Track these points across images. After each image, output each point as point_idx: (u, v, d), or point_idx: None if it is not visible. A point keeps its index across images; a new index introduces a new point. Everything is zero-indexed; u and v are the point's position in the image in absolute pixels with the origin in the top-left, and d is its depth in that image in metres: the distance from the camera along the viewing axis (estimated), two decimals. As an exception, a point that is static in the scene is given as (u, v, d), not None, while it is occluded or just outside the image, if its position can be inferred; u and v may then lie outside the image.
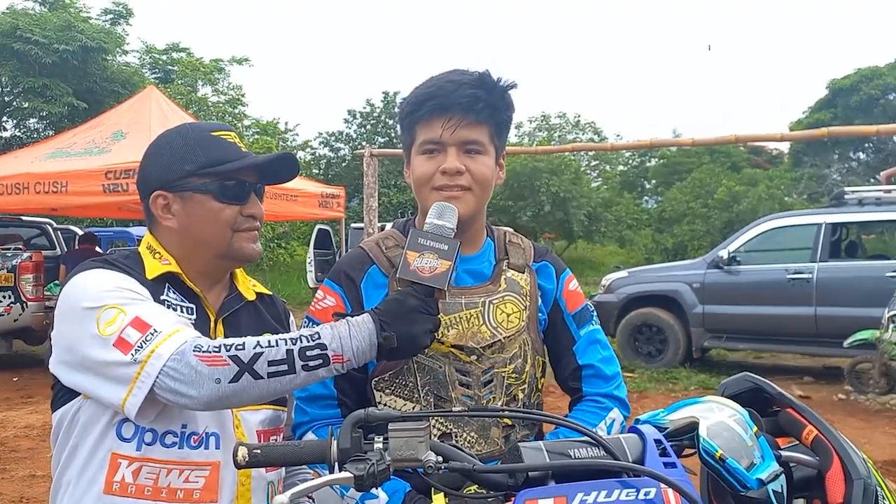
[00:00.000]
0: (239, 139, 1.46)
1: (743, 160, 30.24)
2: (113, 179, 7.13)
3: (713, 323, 8.36)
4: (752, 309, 8.12)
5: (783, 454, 1.10)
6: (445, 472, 1.02)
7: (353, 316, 1.26)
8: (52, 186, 7.42)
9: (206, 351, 1.18)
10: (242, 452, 1.03)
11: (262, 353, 1.18)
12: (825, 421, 1.12)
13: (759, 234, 8.43)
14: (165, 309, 1.31)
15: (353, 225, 15.89)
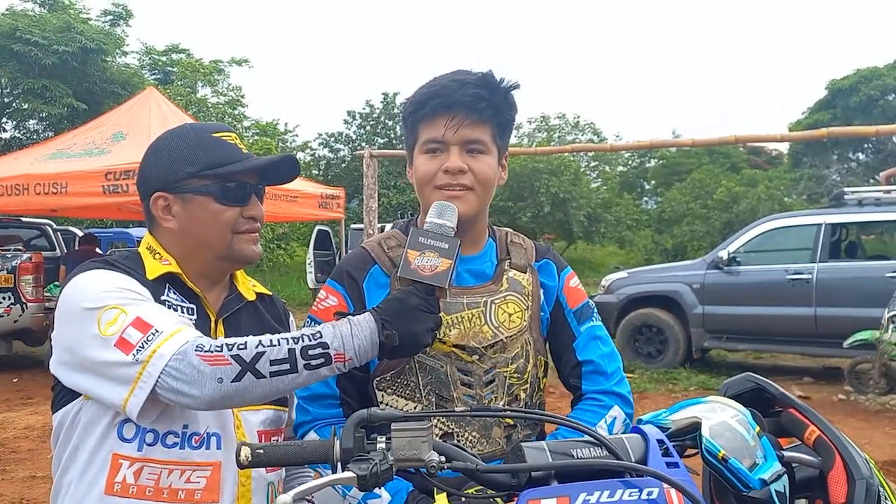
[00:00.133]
0: (239, 140, 1.46)
1: (742, 161, 30.26)
2: (113, 180, 7.13)
3: (713, 323, 8.35)
4: (751, 309, 8.11)
5: (785, 454, 1.10)
6: (448, 472, 1.02)
7: (354, 315, 1.26)
8: (51, 187, 7.43)
9: (207, 350, 1.17)
10: (245, 452, 1.03)
11: (264, 352, 1.18)
12: (827, 421, 1.11)
13: (758, 234, 8.43)
14: (166, 309, 1.31)
15: (352, 226, 15.90)
